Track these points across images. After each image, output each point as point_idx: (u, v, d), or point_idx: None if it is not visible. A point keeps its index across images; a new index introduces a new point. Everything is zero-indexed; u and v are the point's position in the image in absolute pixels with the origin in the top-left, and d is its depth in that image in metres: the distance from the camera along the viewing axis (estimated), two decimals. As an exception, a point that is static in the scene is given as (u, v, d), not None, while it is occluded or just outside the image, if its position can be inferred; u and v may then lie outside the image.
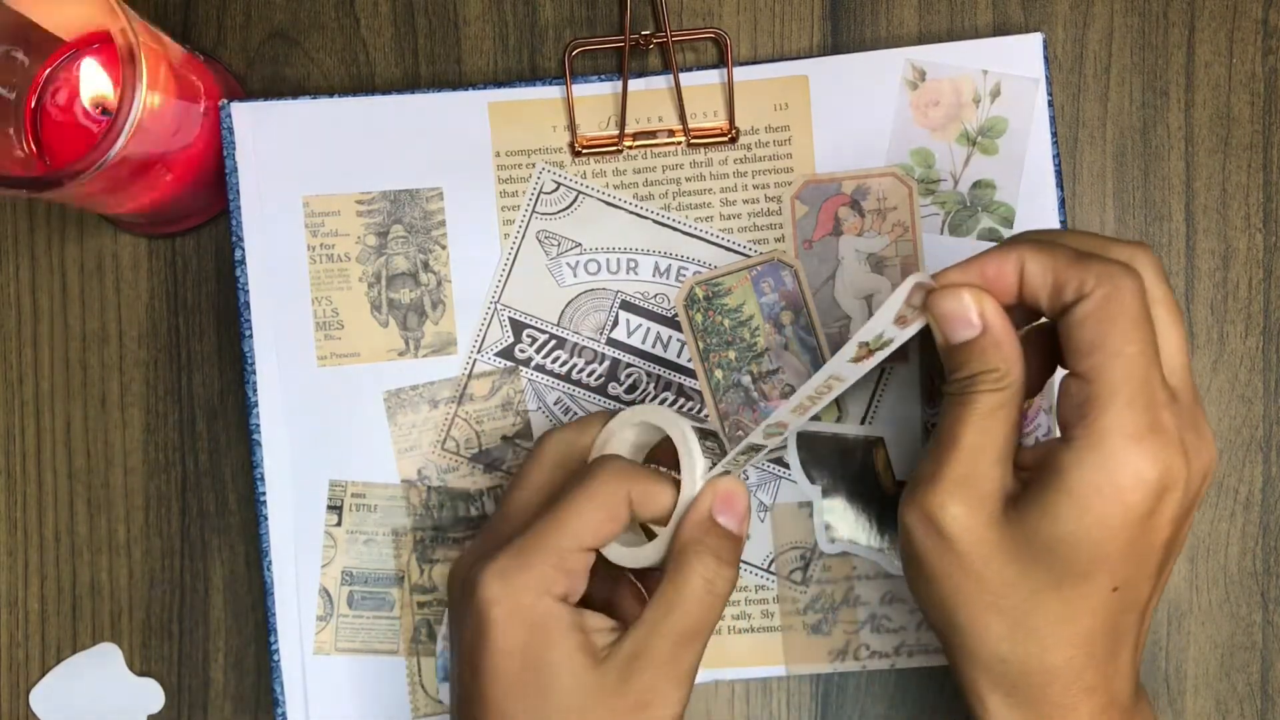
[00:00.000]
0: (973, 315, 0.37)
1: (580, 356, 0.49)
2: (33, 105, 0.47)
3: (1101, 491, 0.35)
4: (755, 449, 0.41)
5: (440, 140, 0.48)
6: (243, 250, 0.48)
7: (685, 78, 0.48)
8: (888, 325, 0.37)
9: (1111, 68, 0.50)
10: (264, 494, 0.48)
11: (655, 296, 0.49)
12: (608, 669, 0.38)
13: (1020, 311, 0.39)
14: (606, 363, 0.49)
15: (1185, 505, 0.36)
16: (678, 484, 0.41)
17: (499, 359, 0.49)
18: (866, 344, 0.37)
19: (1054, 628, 0.37)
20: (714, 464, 0.40)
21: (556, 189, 0.49)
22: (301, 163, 0.48)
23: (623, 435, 0.43)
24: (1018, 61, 0.48)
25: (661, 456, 0.43)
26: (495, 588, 0.38)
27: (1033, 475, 0.37)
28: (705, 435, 0.41)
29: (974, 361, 0.37)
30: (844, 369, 0.38)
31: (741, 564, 0.48)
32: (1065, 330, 0.36)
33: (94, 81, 0.47)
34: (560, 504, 0.39)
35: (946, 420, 0.38)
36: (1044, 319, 0.39)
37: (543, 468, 0.43)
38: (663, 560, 0.40)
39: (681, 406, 0.49)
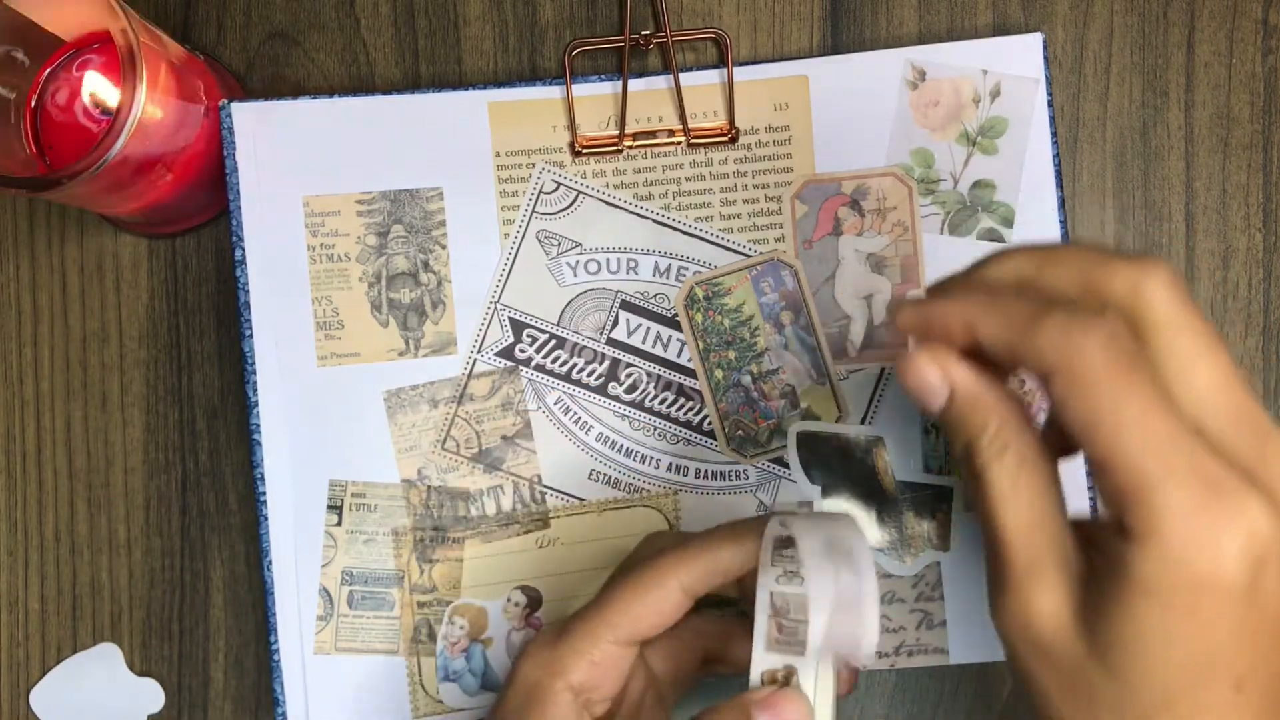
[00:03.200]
0: (934, 379, 0.33)
1: (580, 356, 0.49)
2: (33, 105, 0.47)
3: (1182, 586, 0.29)
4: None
5: (440, 140, 0.48)
6: (243, 250, 0.48)
7: (685, 78, 0.48)
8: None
9: (1111, 68, 0.50)
10: (264, 494, 0.48)
11: (655, 296, 0.49)
12: None
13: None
14: (606, 363, 0.49)
15: None
16: (738, 537, 0.37)
17: (499, 359, 0.49)
18: None
19: None
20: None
21: (556, 189, 0.49)
22: (301, 163, 0.48)
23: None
24: (1018, 61, 0.48)
25: None
26: (529, 651, 0.38)
27: (1098, 564, 0.31)
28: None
29: (959, 429, 0.33)
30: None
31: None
32: (1055, 410, 0.31)
33: (94, 81, 0.47)
34: (609, 591, 0.38)
35: (980, 511, 0.33)
36: None
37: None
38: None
39: (681, 407, 0.49)
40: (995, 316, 0.32)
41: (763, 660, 0.36)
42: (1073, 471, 0.49)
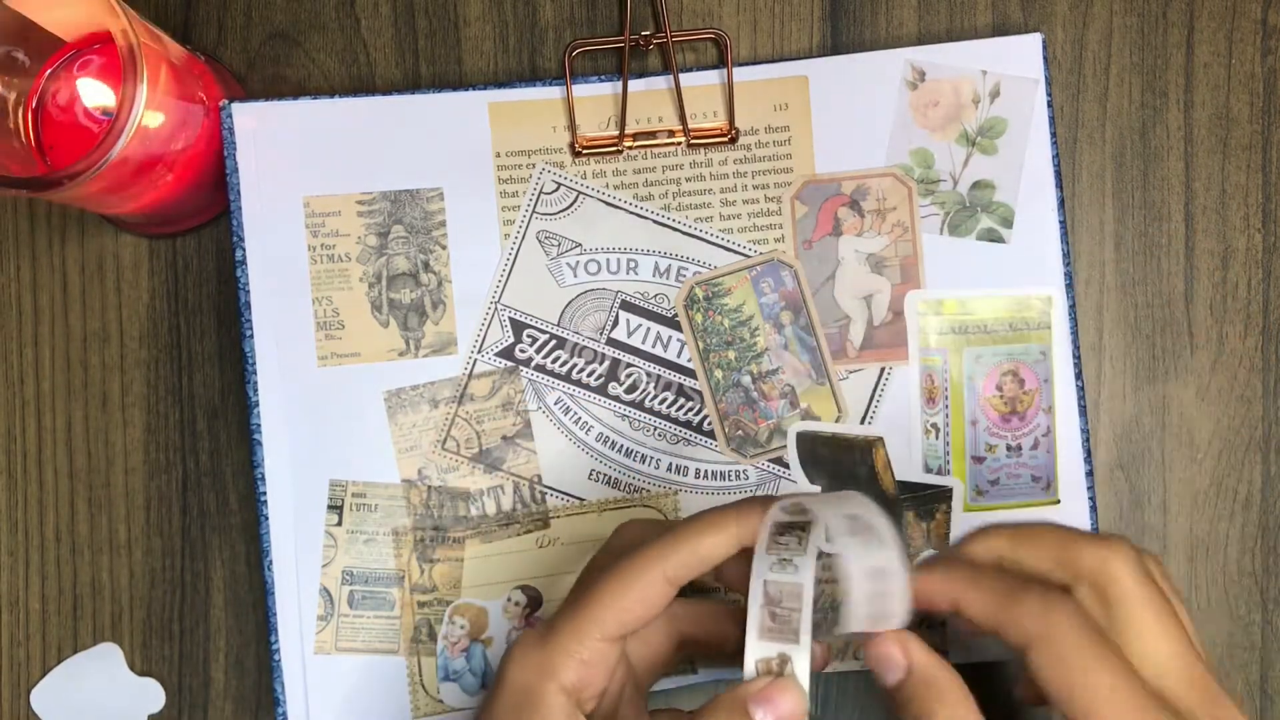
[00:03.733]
0: (896, 654, 0.36)
1: (580, 356, 0.49)
2: (33, 105, 0.47)
3: None
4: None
5: (440, 140, 0.49)
6: (243, 250, 0.48)
7: (685, 78, 0.48)
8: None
9: (1111, 68, 0.50)
10: (264, 494, 0.48)
11: (655, 296, 0.49)
12: None
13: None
14: (606, 363, 0.49)
15: None
16: (720, 524, 0.37)
17: (499, 359, 0.49)
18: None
19: None
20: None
21: (557, 189, 0.49)
22: (302, 163, 0.48)
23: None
24: (1017, 62, 0.49)
25: None
26: (516, 654, 0.38)
27: None
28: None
29: (909, 704, 0.35)
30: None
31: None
32: (1032, 675, 0.35)
33: (94, 82, 0.47)
34: (593, 586, 0.38)
35: None
36: None
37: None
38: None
39: (681, 407, 0.49)
40: (978, 594, 0.36)
41: (757, 649, 0.36)
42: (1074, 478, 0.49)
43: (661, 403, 0.49)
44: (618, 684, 0.40)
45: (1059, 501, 0.48)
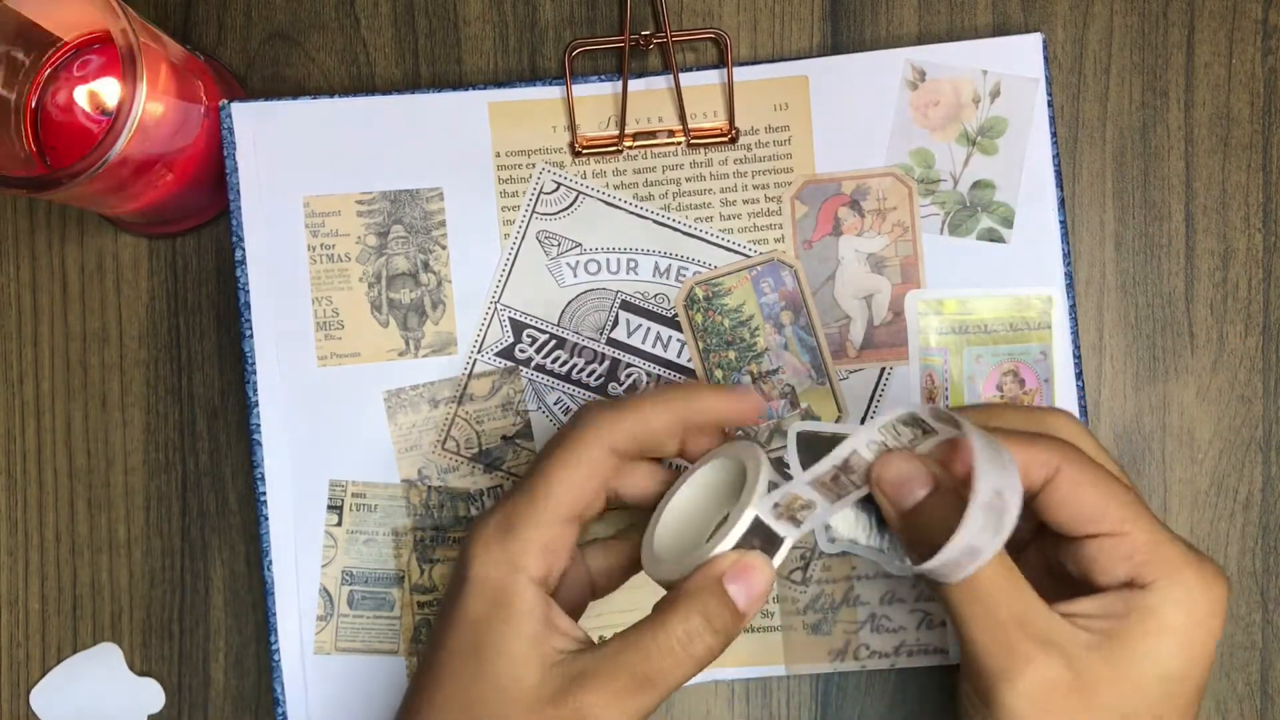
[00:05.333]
0: (919, 470, 0.37)
1: (580, 356, 0.49)
2: (33, 105, 0.47)
3: (1199, 622, 0.36)
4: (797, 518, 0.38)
5: (440, 140, 0.49)
6: (243, 250, 0.48)
7: (685, 78, 0.48)
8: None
9: (1111, 68, 0.50)
10: (264, 494, 0.48)
11: (655, 296, 0.49)
12: (552, 675, 0.36)
13: None
14: (606, 363, 0.49)
15: None
16: (672, 404, 0.39)
17: (499, 359, 0.49)
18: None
19: None
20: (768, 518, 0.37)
21: (557, 189, 0.49)
22: (301, 163, 0.48)
23: (701, 473, 0.40)
24: (1017, 61, 0.48)
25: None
26: (477, 552, 0.37)
27: (1114, 627, 0.37)
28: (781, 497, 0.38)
29: (938, 521, 0.36)
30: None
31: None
32: (1055, 505, 0.37)
33: (94, 82, 0.47)
34: (542, 470, 0.38)
35: (955, 619, 0.37)
36: None
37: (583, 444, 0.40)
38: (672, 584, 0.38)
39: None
40: (1010, 411, 0.40)
41: (801, 488, 0.37)
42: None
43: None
44: (577, 585, 0.41)
45: (1059, 501, 0.48)
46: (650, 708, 0.36)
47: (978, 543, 0.34)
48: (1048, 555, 0.40)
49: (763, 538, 0.37)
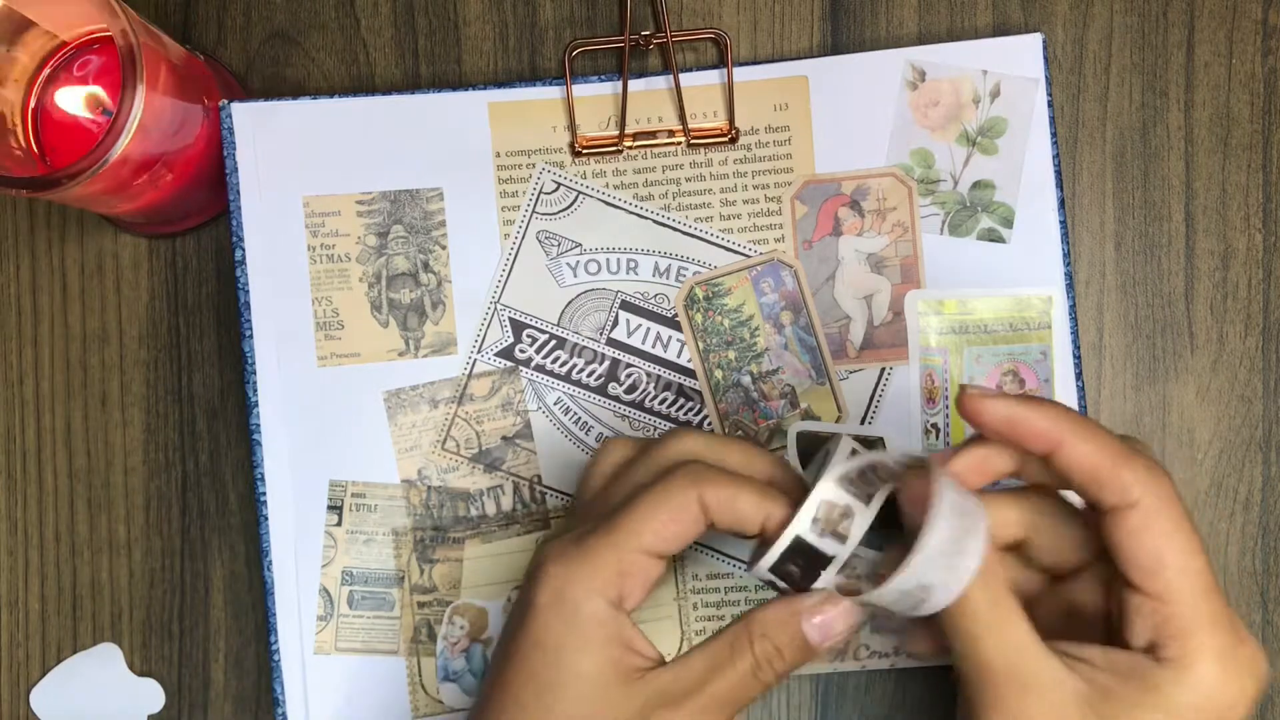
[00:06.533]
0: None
1: (580, 356, 0.49)
2: (33, 105, 0.47)
3: (1204, 713, 0.34)
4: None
5: (440, 140, 0.49)
6: (243, 250, 0.48)
7: (685, 78, 0.48)
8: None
9: (1111, 68, 0.50)
10: (264, 494, 0.48)
11: (655, 296, 0.49)
12: (631, 695, 0.36)
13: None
14: (606, 363, 0.49)
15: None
16: (767, 493, 0.38)
17: (499, 359, 0.49)
18: None
19: None
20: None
21: (556, 189, 0.49)
22: (301, 163, 0.48)
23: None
24: (1017, 62, 0.48)
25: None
26: (552, 573, 0.37)
27: (1114, 686, 0.35)
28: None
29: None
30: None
31: (742, 563, 0.48)
32: (1117, 540, 0.35)
33: (94, 82, 0.47)
34: (630, 504, 0.38)
35: (957, 645, 0.36)
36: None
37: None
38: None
39: (681, 407, 0.49)
40: (1086, 443, 0.35)
41: (829, 490, 0.36)
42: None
43: (661, 403, 0.49)
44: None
45: (1059, 501, 0.48)
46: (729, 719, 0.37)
47: (927, 580, 0.34)
48: (1097, 588, 0.38)
49: (805, 556, 0.37)
